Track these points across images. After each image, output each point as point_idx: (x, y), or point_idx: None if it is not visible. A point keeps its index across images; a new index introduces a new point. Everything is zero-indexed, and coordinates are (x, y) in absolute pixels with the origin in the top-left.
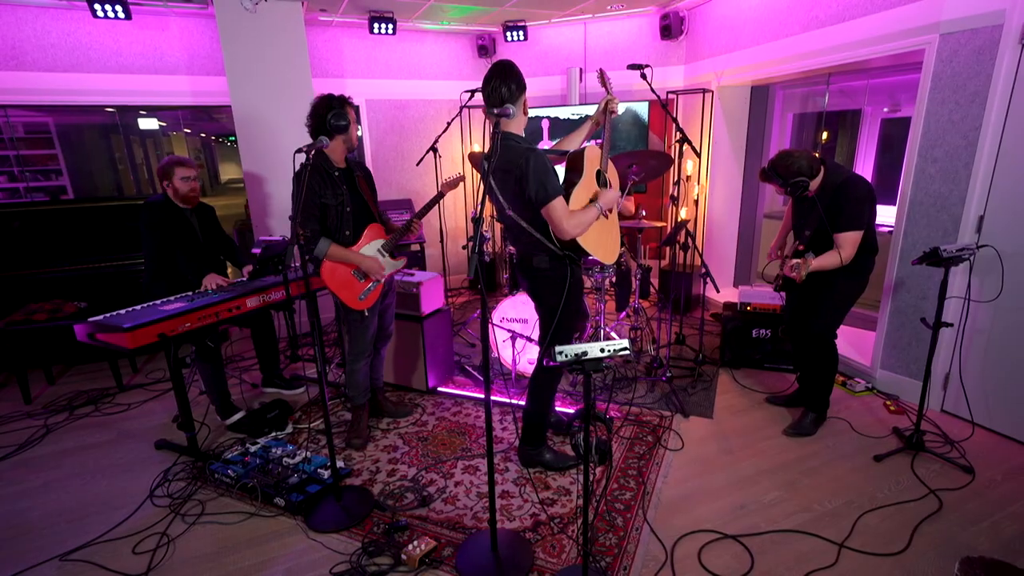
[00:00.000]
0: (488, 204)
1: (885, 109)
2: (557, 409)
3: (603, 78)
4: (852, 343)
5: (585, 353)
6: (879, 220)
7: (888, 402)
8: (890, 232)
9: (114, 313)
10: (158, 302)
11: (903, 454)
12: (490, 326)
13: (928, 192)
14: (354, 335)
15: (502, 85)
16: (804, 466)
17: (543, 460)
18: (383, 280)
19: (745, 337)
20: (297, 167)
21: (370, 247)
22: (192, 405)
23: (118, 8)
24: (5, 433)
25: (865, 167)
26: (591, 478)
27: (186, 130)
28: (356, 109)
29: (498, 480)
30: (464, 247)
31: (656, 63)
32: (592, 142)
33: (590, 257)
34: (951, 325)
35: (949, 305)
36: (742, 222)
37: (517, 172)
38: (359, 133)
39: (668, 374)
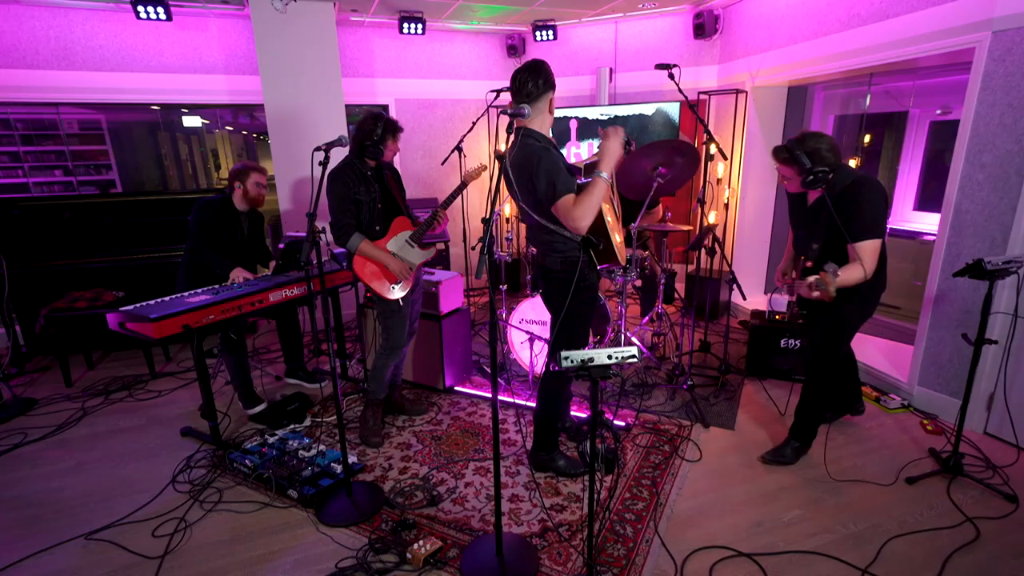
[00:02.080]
0: (510, 205)
1: (938, 111)
2: (572, 414)
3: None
4: (888, 356)
5: (591, 359)
6: (924, 227)
7: (925, 421)
8: (932, 241)
9: (143, 304)
10: (186, 294)
11: (939, 477)
12: (508, 327)
13: (975, 200)
14: (390, 327)
15: (530, 80)
16: (829, 484)
17: (555, 466)
18: (410, 276)
19: (773, 347)
20: (316, 164)
21: (398, 239)
22: (217, 396)
23: (160, 10)
24: (46, 414)
25: (911, 172)
26: (603, 486)
27: (228, 128)
28: (400, 130)
29: (508, 483)
30: (473, 247)
31: (688, 63)
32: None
33: (606, 253)
34: (995, 342)
35: (995, 321)
36: (775, 227)
37: (530, 169)
38: (395, 151)
39: (689, 382)
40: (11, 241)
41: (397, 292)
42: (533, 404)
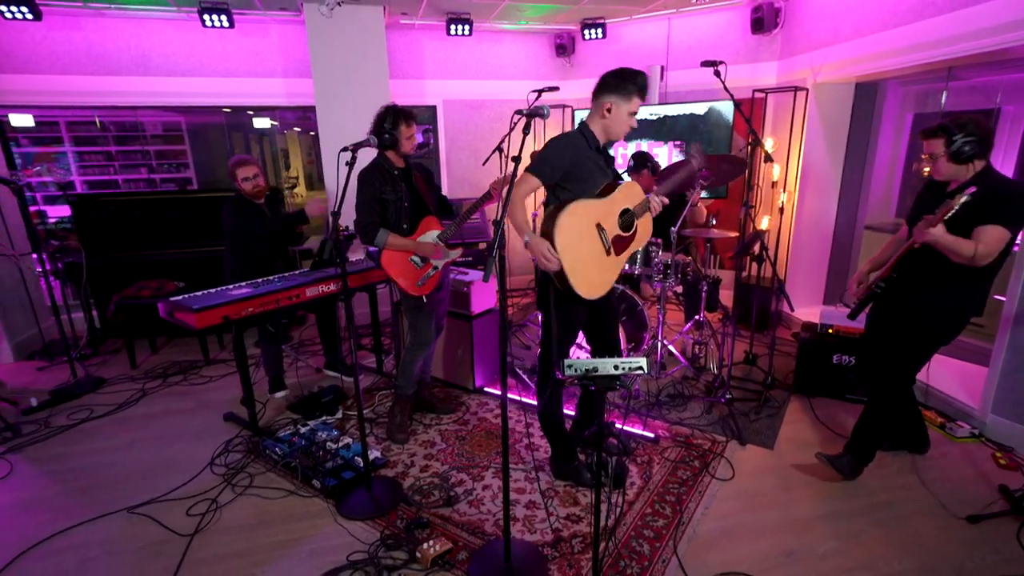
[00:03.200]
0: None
1: None
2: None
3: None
4: (957, 378)
5: (595, 369)
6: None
7: (998, 454)
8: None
9: (190, 295)
10: (229, 287)
11: (1008, 518)
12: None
13: None
14: (416, 324)
15: (601, 80)
16: (875, 515)
17: (576, 476)
18: (440, 266)
19: (824, 363)
20: (343, 164)
21: (426, 237)
22: (259, 386)
23: (223, 18)
24: (112, 393)
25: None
26: (623, 499)
27: (295, 128)
28: (412, 116)
29: (526, 489)
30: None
31: (745, 60)
32: (669, 144)
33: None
34: None
35: None
36: (837, 234)
37: None
38: (410, 137)
39: (728, 395)
40: (90, 233)
41: (423, 288)
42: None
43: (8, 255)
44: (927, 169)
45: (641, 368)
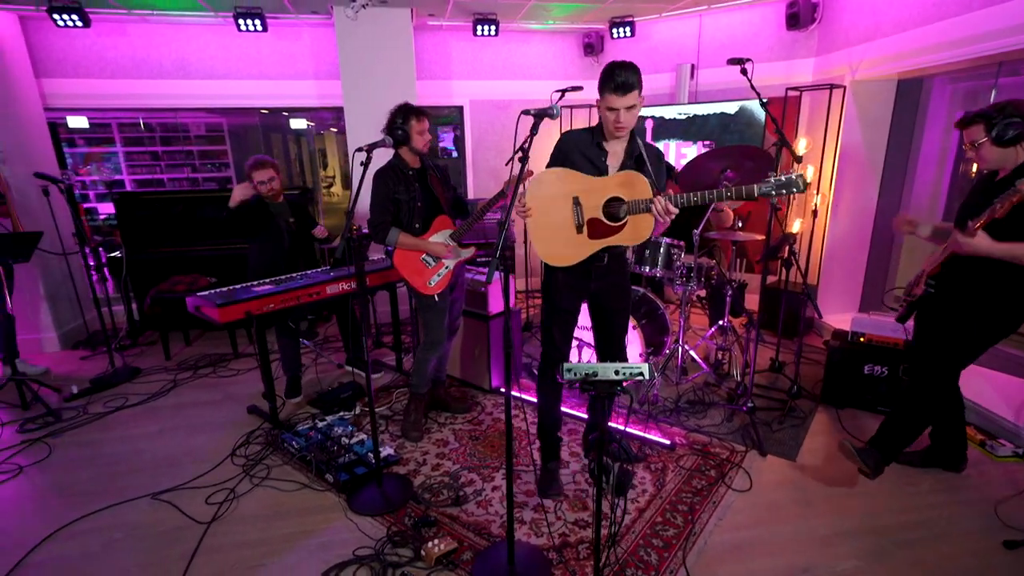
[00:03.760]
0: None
1: None
2: (610, 426)
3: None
4: (1001, 393)
5: (595, 373)
6: None
7: None
8: None
9: (215, 291)
10: (254, 283)
11: None
12: None
13: None
14: (428, 323)
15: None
16: (902, 536)
17: (543, 479)
18: (452, 265)
19: (855, 373)
20: (358, 164)
21: (438, 236)
22: (280, 381)
23: (257, 22)
24: (146, 383)
25: None
26: (625, 507)
27: (332, 128)
28: (423, 112)
29: (536, 492)
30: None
31: (779, 57)
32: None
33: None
34: None
35: None
36: (875, 239)
37: None
38: (422, 132)
39: (750, 403)
40: (132, 230)
41: (434, 287)
42: (574, 412)
43: (56, 253)
44: (975, 166)
45: (642, 374)
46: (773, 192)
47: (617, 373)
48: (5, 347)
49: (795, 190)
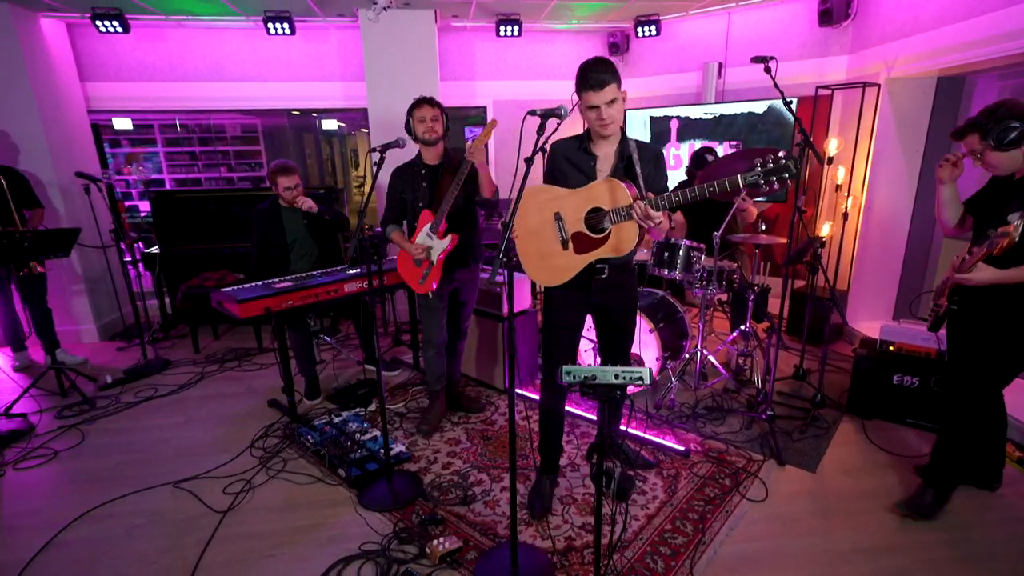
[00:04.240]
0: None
1: None
2: (622, 430)
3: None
4: None
5: (594, 377)
6: None
7: None
8: None
9: (238, 287)
10: (275, 280)
11: None
12: None
13: None
14: (423, 320)
15: None
16: (924, 555)
17: (534, 491)
18: (435, 260)
19: (883, 382)
20: (373, 166)
21: (422, 233)
22: (299, 377)
23: (285, 25)
24: (175, 374)
25: None
26: (628, 513)
27: (364, 129)
28: (426, 99)
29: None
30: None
31: (811, 55)
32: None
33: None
34: None
35: None
36: (911, 243)
37: None
38: (422, 119)
39: (769, 411)
40: (166, 227)
41: (423, 286)
42: (585, 414)
43: (95, 247)
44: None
45: (642, 379)
46: (761, 180)
47: (617, 377)
48: (45, 338)
49: (786, 175)
